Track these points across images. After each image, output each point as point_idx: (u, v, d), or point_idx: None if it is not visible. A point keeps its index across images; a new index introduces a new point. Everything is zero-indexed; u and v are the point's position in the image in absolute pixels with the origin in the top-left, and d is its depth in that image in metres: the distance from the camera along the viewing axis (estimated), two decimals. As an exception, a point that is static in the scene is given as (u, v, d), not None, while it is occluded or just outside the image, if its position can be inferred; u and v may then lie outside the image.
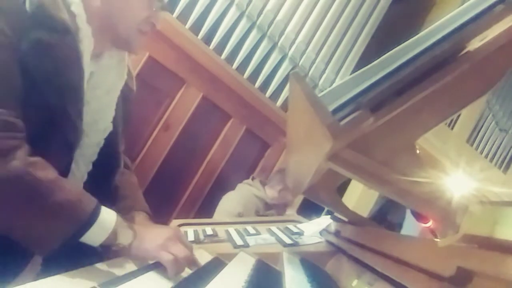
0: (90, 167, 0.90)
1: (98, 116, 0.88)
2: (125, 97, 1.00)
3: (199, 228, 1.30)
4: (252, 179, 2.38)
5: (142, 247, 0.72)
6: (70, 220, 0.68)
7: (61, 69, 0.75)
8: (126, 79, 0.97)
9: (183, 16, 2.21)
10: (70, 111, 0.77)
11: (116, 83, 0.93)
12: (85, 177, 0.90)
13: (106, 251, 0.73)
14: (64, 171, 0.80)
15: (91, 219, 0.69)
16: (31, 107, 0.71)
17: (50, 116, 0.74)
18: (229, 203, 2.20)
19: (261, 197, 2.27)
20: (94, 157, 0.90)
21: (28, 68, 0.71)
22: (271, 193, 2.30)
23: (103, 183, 0.94)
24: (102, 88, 0.88)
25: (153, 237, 0.74)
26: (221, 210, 2.19)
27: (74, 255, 0.67)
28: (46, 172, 0.69)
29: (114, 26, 0.85)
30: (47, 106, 0.73)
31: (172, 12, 2.16)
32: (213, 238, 1.18)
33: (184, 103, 2.32)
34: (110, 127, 0.92)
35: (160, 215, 0.97)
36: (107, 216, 0.72)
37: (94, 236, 0.69)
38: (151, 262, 0.74)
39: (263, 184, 2.36)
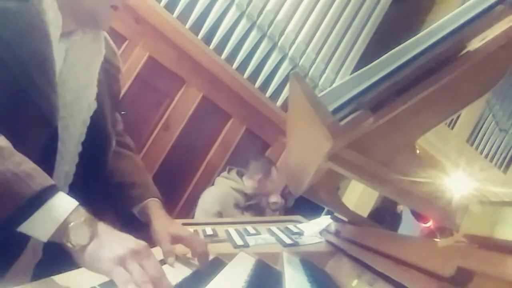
0: (80, 148, 0.86)
1: (79, 94, 0.84)
2: (109, 74, 0.95)
3: (199, 228, 1.30)
4: (228, 171, 2.32)
5: (96, 255, 0.56)
6: (9, 197, 0.55)
7: (22, 37, 0.70)
8: (107, 56, 0.92)
9: (183, 16, 2.21)
10: (39, 81, 0.72)
11: (94, 59, 0.88)
12: (77, 159, 0.87)
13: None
14: (49, 151, 0.77)
15: (37, 199, 0.56)
16: None
17: (17, 89, 0.69)
18: (206, 203, 2.14)
19: (239, 189, 2.20)
20: (82, 137, 0.87)
21: None
22: (249, 183, 2.24)
23: (96, 164, 0.91)
24: (80, 64, 0.84)
25: (114, 245, 0.58)
26: (199, 211, 2.14)
27: (70, 257, 0.65)
28: None
29: (80, 2, 0.79)
30: (13, 77, 0.68)
31: (172, 12, 2.16)
32: (213, 238, 1.18)
33: (184, 103, 2.32)
34: (94, 104, 0.87)
35: (160, 215, 0.96)
36: (61, 203, 0.58)
37: (39, 226, 0.56)
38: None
39: (241, 174, 2.30)
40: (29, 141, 0.69)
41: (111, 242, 0.58)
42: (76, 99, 0.84)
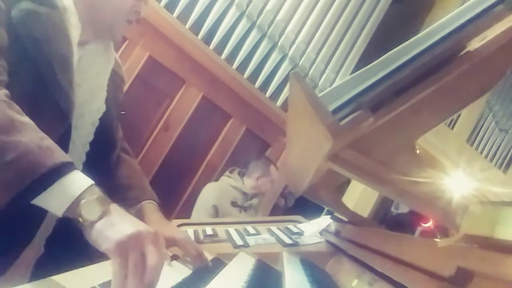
0: (87, 147, 0.92)
1: (90, 96, 0.92)
2: (115, 83, 1.03)
3: (199, 228, 1.30)
4: (231, 171, 2.37)
5: (104, 233, 0.57)
6: (31, 166, 0.57)
7: (50, 37, 0.79)
8: (114, 66, 1.01)
9: (183, 16, 2.21)
10: (60, 78, 0.79)
11: (104, 66, 0.97)
12: (84, 157, 0.92)
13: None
14: (63, 145, 0.79)
15: (56, 172, 0.58)
16: (23, 73, 0.74)
17: (41, 83, 0.77)
18: (204, 197, 2.19)
19: (238, 187, 2.24)
20: (91, 137, 0.93)
21: (18, 35, 0.75)
22: (249, 182, 2.28)
23: (101, 163, 0.95)
24: (91, 70, 0.92)
25: (123, 226, 0.58)
26: (197, 205, 2.18)
27: (71, 254, 0.66)
28: (19, 114, 0.63)
29: (100, 16, 0.89)
30: (38, 72, 0.76)
31: (172, 12, 2.16)
32: (213, 238, 1.18)
33: (184, 103, 2.32)
34: (103, 107, 0.95)
35: (160, 215, 0.97)
36: (77, 180, 0.60)
37: (54, 199, 0.58)
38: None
39: (242, 174, 2.34)
40: (47, 130, 0.71)
41: (121, 223, 0.58)
42: (87, 102, 0.91)
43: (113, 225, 0.58)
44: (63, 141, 0.81)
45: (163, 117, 2.29)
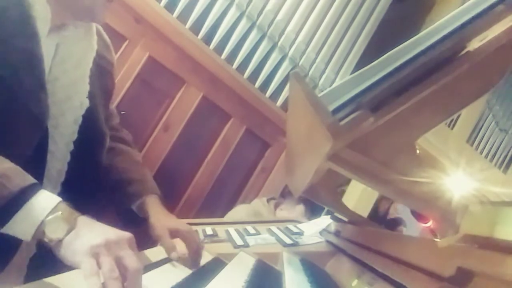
0: (71, 146, 0.85)
1: (71, 91, 0.82)
2: (102, 70, 0.93)
3: (199, 228, 1.30)
4: (268, 200, 2.36)
5: (71, 247, 0.54)
6: None
7: (9, 36, 0.68)
8: (100, 50, 0.90)
9: (183, 16, 2.21)
10: (27, 82, 0.70)
11: (86, 55, 0.86)
12: (68, 157, 0.85)
13: None
14: (40, 151, 0.76)
15: (16, 201, 0.55)
16: None
17: (6, 90, 0.67)
18: (237, 212, 2.21)
19: (267, 218, 2.24)
20: (74, 135, 0.85)
21: None
22: (281, 214, 2.25)
23: (89, 162, 0.90)
24: (71, 61, 0.82)
25: (91, 236, 0.55)
26: (228, 218, 2.20)
27: None
28: None
29: None
30: (1, 79, 0.66)
31: (172, 12, 2.16)
32: (213, 238, 1.18)
33: (184, 103, 2.32)
34: (86, 103, 0.86)
35: (160, 215, 0.96)
36: (41, 202, 0.57)
37: (20, 227, 0.55)
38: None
39: (276, 206, 2.32)
40: (20, 141, 0.68)
41: (89, 233, 0.56)
42: (68, 97, 0.82)
43: (81, 237, 0.55)
44: (41, 145, 0.76)
45: (163, 117, 2.29)
